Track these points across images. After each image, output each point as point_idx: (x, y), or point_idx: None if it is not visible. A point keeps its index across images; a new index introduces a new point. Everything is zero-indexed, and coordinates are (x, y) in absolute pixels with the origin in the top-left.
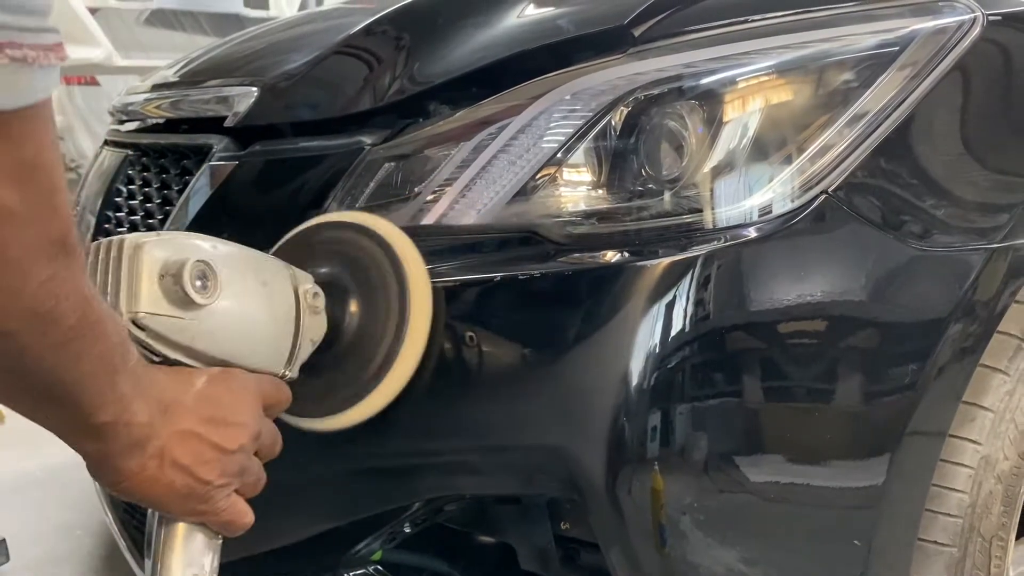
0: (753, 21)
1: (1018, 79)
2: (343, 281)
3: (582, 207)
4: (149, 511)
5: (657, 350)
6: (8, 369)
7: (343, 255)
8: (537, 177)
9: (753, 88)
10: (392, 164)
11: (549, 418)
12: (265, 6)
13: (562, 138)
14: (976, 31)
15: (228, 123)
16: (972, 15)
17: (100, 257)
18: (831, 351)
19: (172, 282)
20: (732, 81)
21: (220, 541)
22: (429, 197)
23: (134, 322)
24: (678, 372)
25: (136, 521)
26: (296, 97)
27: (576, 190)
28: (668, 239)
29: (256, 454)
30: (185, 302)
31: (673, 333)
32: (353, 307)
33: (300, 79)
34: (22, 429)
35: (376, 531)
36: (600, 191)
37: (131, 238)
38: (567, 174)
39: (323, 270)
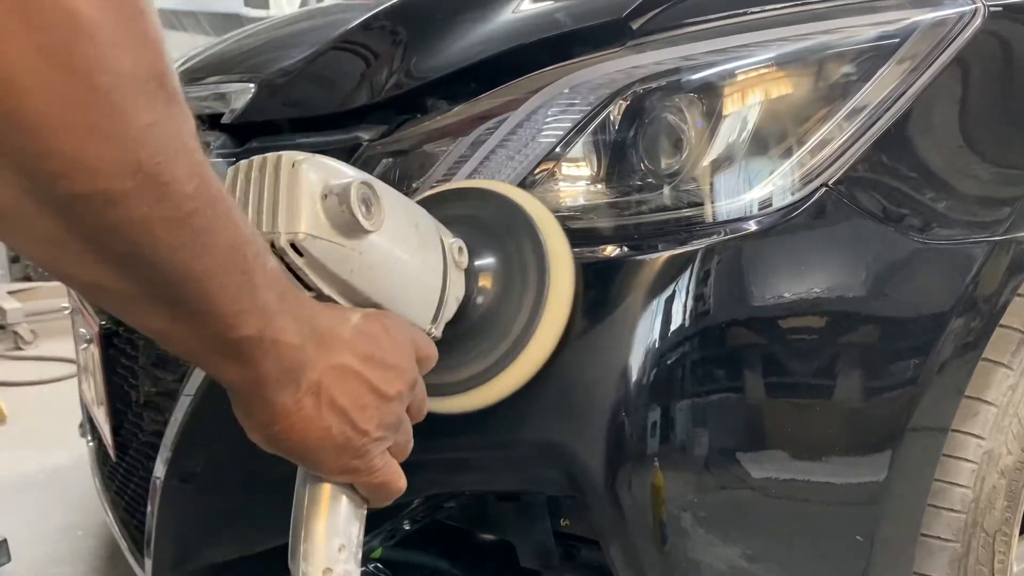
0: (752, 13)
1: (1019, 71)
2: (476, 248)
3: (581, 201)
4: (148, 511)
5: (657, 345)
6: (125, 258)
7: (478, 220)
8: (535, 172)
9: (752, 81)
10: (390, 160)
11: (548, 414)
12: (265, 5)
13: (560, 132)
14: (977, 23)
15: (225, 120)
16: (973, 6)
17: (252, 175)
18: (832, 345)
19: (337, 202)
20: (731, 74)
21: (365, 511)
22: (427, 193)
23: (293, 245)
24: (678, 367)
25: (136, 522)
26: (293, 93)
27: (575, 184)
28: (667, 233)
29: (407, 410)
30: (349, 227)
31: (673, 327)
32: (485, 279)
33: (297, 75)
34: (24, 430)
35: (375, 529)
36: (599, 185)
37: (288, 154)
38: (565, 168)
39: (455, 236)
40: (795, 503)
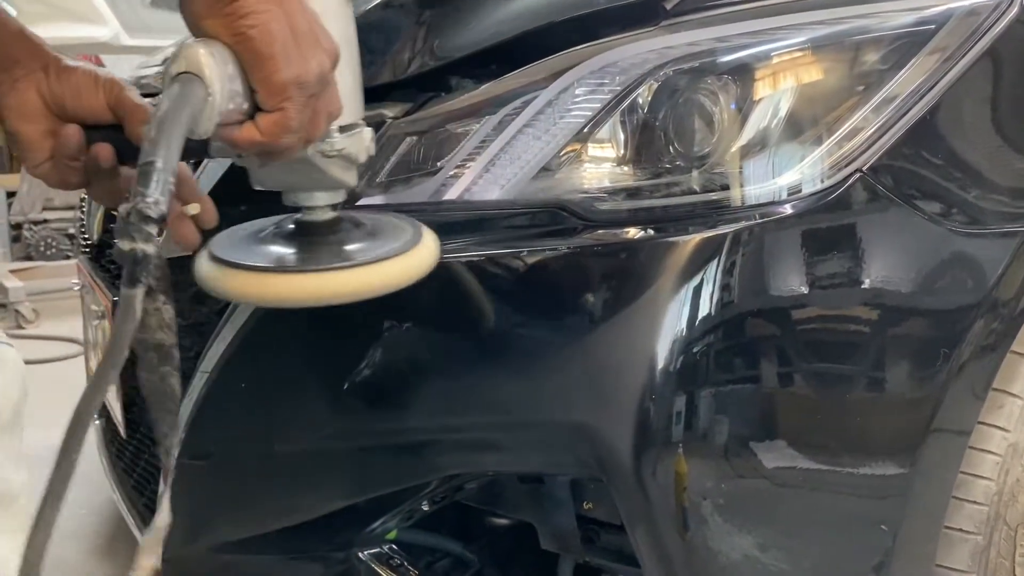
0: None
1: None
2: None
3: (607, 183)
4: (159, 490)
5: (684, 330)
6: None
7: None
8: (563, 152)
9: (787, 64)
10: (414, 138)
11: (575, 395)
12: None
13: (589, 113)
14: (1012, 12)
15: None
16: None
17: None
18: (860, 333)
19: None
20: (766, 56)
21: None
22: (452, 172)
23: None
24: (705, 354)
25: (145, 499)
26: None
27: (602, 166)
28: (696, 216)
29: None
30: None
31: (701, 313)
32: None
33: None
34: (28, 409)
35: (394, 509)
36: (627, 167)
37: None
38: (593, 150)
39: None
40: (817, 494)
